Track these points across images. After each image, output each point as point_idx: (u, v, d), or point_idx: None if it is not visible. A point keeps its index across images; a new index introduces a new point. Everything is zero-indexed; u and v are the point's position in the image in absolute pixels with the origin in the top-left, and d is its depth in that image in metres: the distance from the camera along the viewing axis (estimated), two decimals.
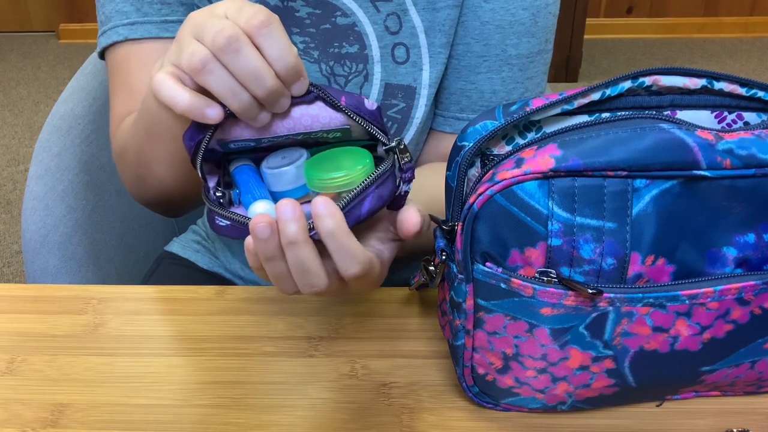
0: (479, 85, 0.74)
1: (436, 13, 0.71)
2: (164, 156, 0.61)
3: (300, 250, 0.47)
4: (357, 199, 0.49)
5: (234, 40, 0.46)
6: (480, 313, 0.50)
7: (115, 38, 0.72)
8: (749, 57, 3.02)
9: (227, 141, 0.53)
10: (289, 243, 0.46)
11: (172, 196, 0.68)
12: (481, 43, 0.72)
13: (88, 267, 0.89)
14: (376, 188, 0.50)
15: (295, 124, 0.52)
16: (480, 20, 0.71)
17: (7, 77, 3.01)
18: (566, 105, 0.49)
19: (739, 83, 0.50)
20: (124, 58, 0.73)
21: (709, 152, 0.45)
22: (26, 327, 0.64)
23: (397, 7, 0.71)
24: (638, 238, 0.46)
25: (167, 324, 0.64)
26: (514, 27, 0.71)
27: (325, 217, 0.46)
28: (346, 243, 0.47)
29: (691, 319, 0.48)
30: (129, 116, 0.70)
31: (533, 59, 0.74)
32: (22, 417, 0.56)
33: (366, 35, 0.72)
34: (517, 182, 0.46)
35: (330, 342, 0.62)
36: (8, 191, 2.29)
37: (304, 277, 0.48)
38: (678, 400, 0.56)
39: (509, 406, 0.55)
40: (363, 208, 0.50)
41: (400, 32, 0.72)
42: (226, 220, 0.51)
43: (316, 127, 0.52)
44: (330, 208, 0.46)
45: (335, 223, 0.46)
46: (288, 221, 0.46)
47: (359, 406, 0.56)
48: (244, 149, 0.55)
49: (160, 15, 0.71)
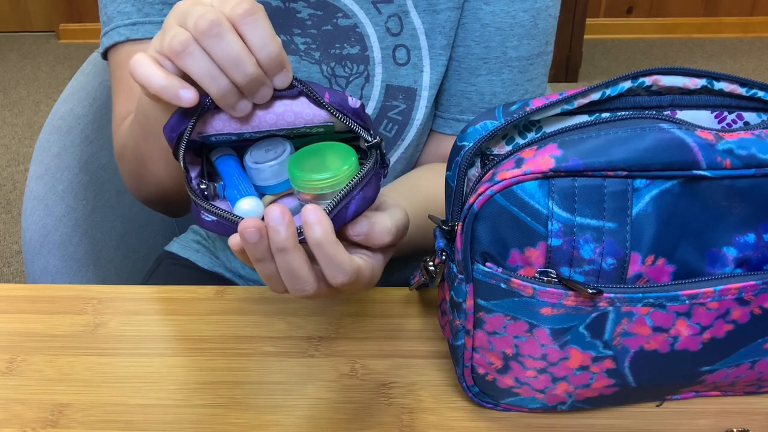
0: (479, 87, 0.74)
1: (437, 15, 0.71)
2: (159, 153, 0.61)
3: (289, 256, 0.47)
4: (343, 202, 0.49)
5: (216, 25, 0.46)
6: (480, 313, 0.50)
7: (117, 39, 0.72)
8: (749, 57, 3.02)
9: (209, 135, 0.52)
10: (278, 249, 0.46)
11: (170, 194, 0.68)
12: (482, 45, 0.72)
13: (88, 267, 0.89)
14: (361, 190, 0.50)
15: (277, 119, 0.52)
16: (480, 22, 0.72)
17: (7, 77, 3.01)
18: (566, 105, 0.49)
19: (739, 83, 0.50)
20: (125, 58, 0.73)
21: (709, 152, 0.45)
22: (26, 327, 0.64)
23: (398, 9, 0.71)
24: (638, 238, 0.46)
25: (167, 324, 0.64)
26: (514, 29, 0.71)
27: (314, 225, 0.46)
28: (332, 253, 0.47)
29: (691, 319, 0.48)
30: (129, 116, 0.70)
31: (533, 61, 0.74)
32: (22, 417, 0.56)
33: (367, 36, 0.72)
34: (517, 182, 0.46)
35: (330, 342, 0.62)
36: (8, 191, 2.29)
37: (293, 282, 0.48)
38: (678, 400, 0.56)
39: (509, 406, 0.55)
40: (349, 211, 0.50)
41: (401, 34, 0.72)
42: (212, 215, 0.51)
43: (299, 124, 0.52)
44: (318, 216, 0.46)
45: (323, 233, 0.46)
46: (277, 228, 0.46)
47: (359, 406, 0.56)
48: (226, 142, 0.55)
49: (161, 15, 0.71)
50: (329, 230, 0.47)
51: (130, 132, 0.65)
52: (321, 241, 0.47)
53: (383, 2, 0.71)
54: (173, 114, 0.51)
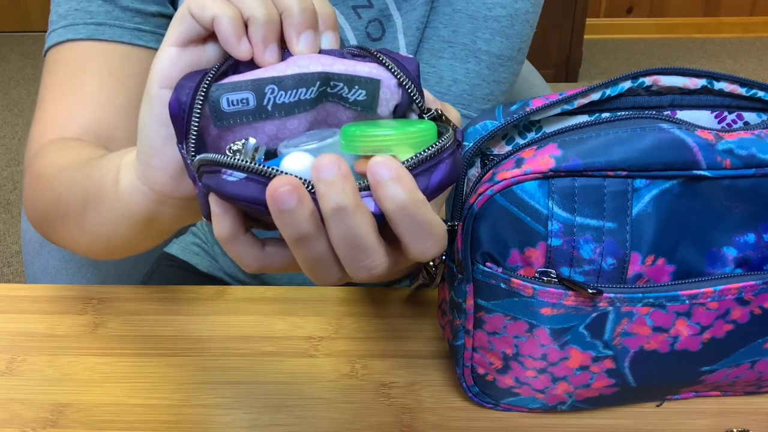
0: (439, 70, 0.72)
1: (413, 11, 0.71)
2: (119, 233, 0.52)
3: (351, 218, 0.35)
4: (430, 162, 0.36)
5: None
6: (480, 313, 0.50)
7: (73, 36, 0.66)
8: (749, 57, 3.02)
9: (221, 84, 0.40)
10: (335, 210, 0.34)
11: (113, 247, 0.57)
12: (449, 29, 0.71)
13: (88, 267, 0.89)
14: (451, 155, 0.37)
15: (310, 60, 0.41)
16: (452, 7, 0.70)
17: (7, 77, 3.01)
18: (566, 105, 0.49)
19: (739, 83, 0.50)
20: (80, 57, 0.66)
21: (709, 152, 0.45)
22: (26, 327, 0.64)
23: (379, 14, 0.70)
24: (638, 238, 0.46)
25: (167, 324, 0.64)
26: (488, 22, 0.70)
27: (391, 183, 0.34)
28: (423, 216, 0.35)
29: (691, 319, 0.48)
30: (70, 148, 0.60)
31: (504, 63, 0.72)
32: (22, 417, 0.56)
33: (346, 41, 0.71)
34: (517, 182, 0.46)
35: (330, 342, 0.62)
36: (8, 191, 2.29)
37: (356, 256, 0.36)
38: (678, 400, 0.56)
39: (509, 406, 0.55)
40: (433, 178, 0.36)
41: (382, 38, 0.71)
42: (240, 172, 0.36)
43: (338, 69, 0.41)
44: (396, 170, 0.35)
45: (406, 192, 0.35)
46: (332, 180, 0.34)
47: (359, 406, 0.56)
48: (243, 112, 0.41)
49: (133, 23, 0.68)
50: (413, 187, 0.35)
51: (76, 196, 0.54)
52: (405, 203, 0.35)
53: (363, 7, 0.70)
54: (179, 82, 0.41)
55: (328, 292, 0.67)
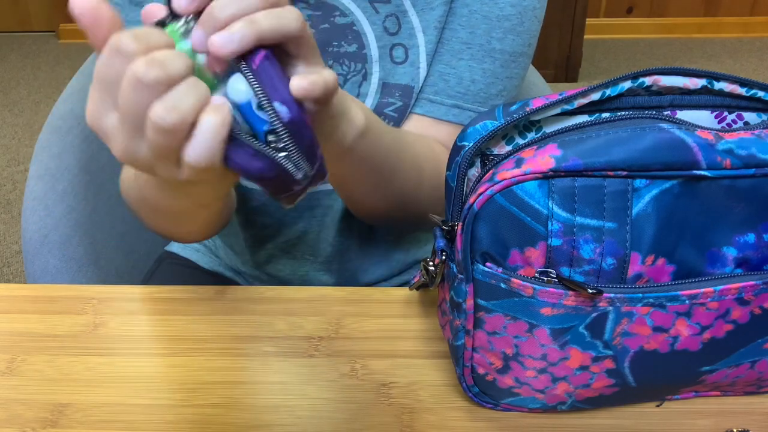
0: (459, 71, 0.74)
1: (432, 12, 0.72)
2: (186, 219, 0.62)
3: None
4: None
5: None
6: (480, 313, 0.50)
7: None
8: (749, 57, 3.02)
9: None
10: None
11: (212, 227, 0.68)
12: (467, 30, 0.72)
13: (88, 267, 0.89)
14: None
15: None
16: (468, 8, 0.72)
17: (7, 77, 3.01)
18: (566, 105, 0.49)
19: (739, 83, 0.50)
20: None
21: (709, 152, 0.45)
22: (26, 327, 0.64)
23: (396, 9, 0.72)
24: (638, 238, 0.46)
25: (167, 324, 0.64)
26: (500, 21, 0.72)
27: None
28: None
29: (691, 319, 0.48)
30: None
31: (516, 59, 0.74)
32: (22, 417, 0.56)
33: (364, 35, 0.72)
34: (517, 182, 0.46)
35: (330, 342, 0.62)
36: (8, 191, 2.29)
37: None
38: (678, 400, 0.56)
39: (509, 406, 0.55)
40: None
41: (398, 33, 0.72)
42: None
43: None
44: None
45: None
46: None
47: (359, 406, 0.56)
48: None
49: None
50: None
51: (135, 197, 0.64)
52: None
53: (381, 2, 0.72)
54: None
55: (328, 292, 0.67)
